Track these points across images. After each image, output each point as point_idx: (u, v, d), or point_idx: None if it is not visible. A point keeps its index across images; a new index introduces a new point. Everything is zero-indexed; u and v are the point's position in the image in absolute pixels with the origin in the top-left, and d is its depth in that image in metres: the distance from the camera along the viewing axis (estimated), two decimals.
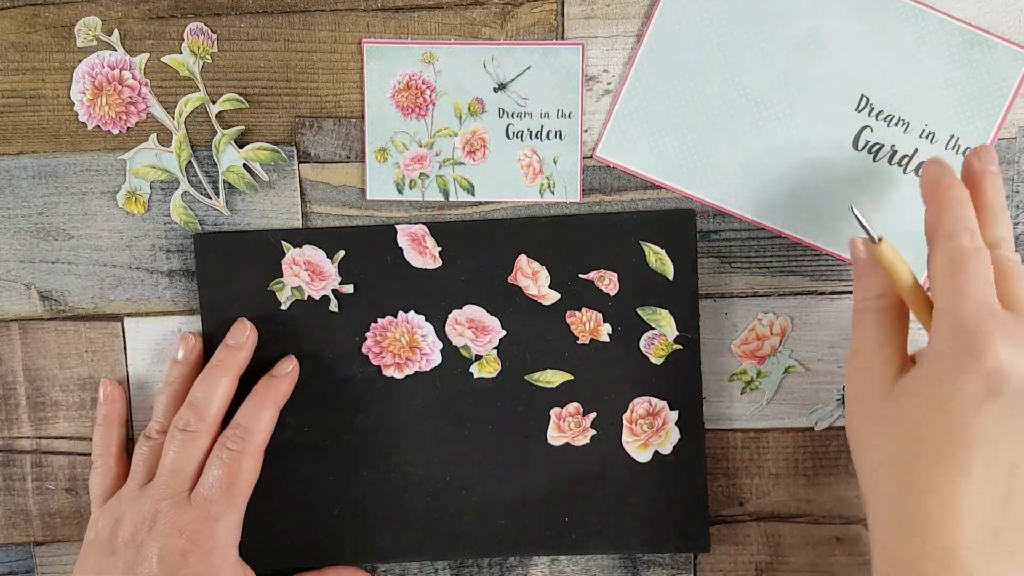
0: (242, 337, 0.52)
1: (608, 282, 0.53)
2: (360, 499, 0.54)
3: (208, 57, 0.52)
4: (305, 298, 0.53)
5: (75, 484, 0.55)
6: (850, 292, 0.53)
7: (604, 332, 0.53)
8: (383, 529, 0.54)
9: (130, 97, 0.52)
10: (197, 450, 0.50)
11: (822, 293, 0.53)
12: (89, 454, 0.54)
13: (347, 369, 0.53)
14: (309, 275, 0.53)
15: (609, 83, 0.52)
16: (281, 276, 0.53)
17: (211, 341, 0.53)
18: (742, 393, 0.54)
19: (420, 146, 0.53)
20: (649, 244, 0.53)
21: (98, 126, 0.53)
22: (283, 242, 0.53)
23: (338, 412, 0.54)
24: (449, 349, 0.53)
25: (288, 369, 0.53)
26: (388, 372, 0.54)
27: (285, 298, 0.53)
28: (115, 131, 0.53)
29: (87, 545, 0.51)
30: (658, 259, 0.53)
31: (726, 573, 0.55)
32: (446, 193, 0.53)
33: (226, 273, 0.53)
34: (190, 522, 0.48)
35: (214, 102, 0.52)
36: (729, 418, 0.54)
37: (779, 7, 0.51)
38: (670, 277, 0.53)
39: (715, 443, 0.54)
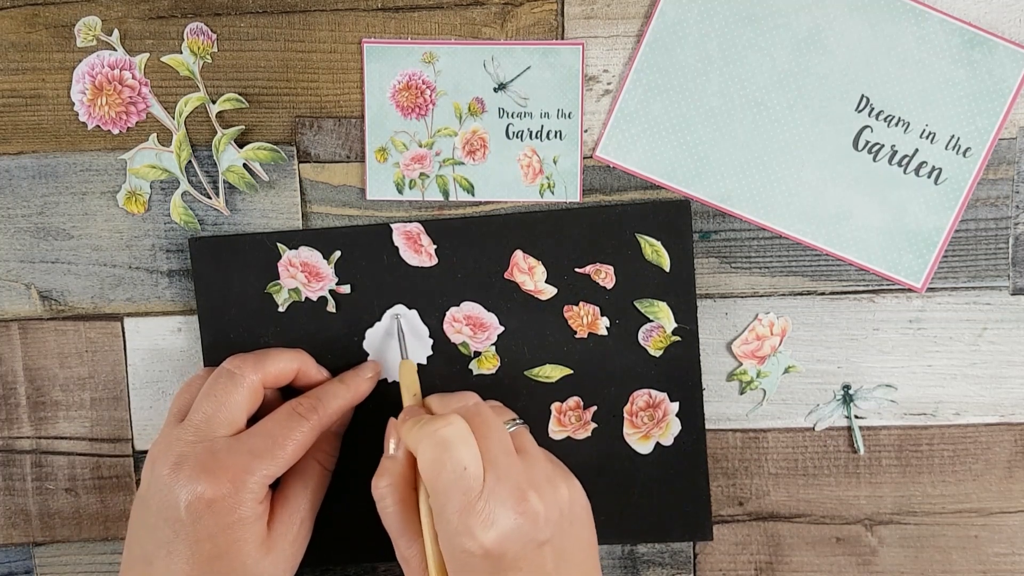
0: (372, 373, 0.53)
1: (605, 275, 0.53)
2: (361, 498, 0.54)
3: (208, 57, 0.52)
4: (303, 299, 0.53)
5: (75, 484, 0.55)
6: (850, 292, 0.53)
7: (602, 326, 0.53)
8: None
9: (130, 97, 0.53)
10: (236, 395, 0.49)
11: (822, 293, 0.53)
12: (88, 454, 0.54)
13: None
14: (306, 276, 0.53)
15: (609, 83, 0.52)
16: (278, 278, 0.53)
17: (210, 346, 0.53)
18: (741, 393, 0.54)
19: (420, 146, 0.53)
20: (645, 236, 0.53)
21: (98, 126, 0.53)
22: (279, 244, 0.53)
23: None
24: (448, 346, 0.53)
25: (369, 375, 0.52)
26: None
27: (283, 300, 0.53)
28: (115, 131, 0.53)
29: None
30: (654, 251, 0.53)
31: (726, 573, 0.55)
32: (446, 193, 0.53)
33: (223, 277, 0.53)
34: (220, 469, 0.46)
35: (214, 102, 0.53)
36: (729, 418, 0.54)
37: (779, 7, 0.51)
38: (667, 269, 0.53)
39: (715, 443, 0.54)
